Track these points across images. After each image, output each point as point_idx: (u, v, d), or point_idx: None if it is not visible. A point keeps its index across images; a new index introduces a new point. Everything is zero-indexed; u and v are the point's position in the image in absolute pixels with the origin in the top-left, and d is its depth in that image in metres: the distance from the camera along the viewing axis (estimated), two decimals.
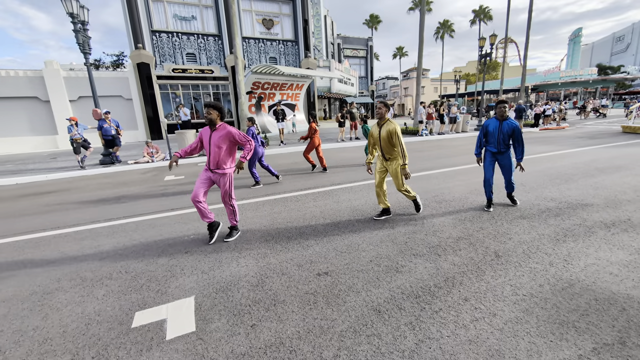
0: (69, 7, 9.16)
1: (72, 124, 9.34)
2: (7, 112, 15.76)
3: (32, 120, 16.31)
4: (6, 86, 15.49)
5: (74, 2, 9.20)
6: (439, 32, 48.21)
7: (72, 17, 9.28)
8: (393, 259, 3.06)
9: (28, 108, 16.12)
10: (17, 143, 16.10)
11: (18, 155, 14.88)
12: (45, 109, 16.33)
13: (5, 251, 3.76)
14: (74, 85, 16.58)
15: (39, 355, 2.04)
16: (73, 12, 9.21)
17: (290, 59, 21.80)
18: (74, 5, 9.20)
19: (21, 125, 16.16)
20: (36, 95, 16.04)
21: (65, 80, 16.39)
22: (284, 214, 4.59)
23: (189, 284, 2.80)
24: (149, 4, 17.29)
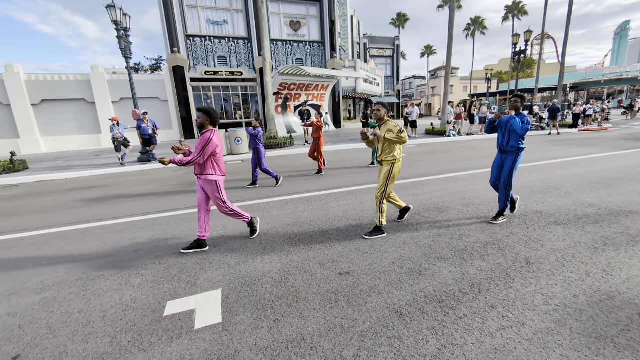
0: (114, 15, 9.78)
1: (114, 123, 9.96)
2: (59, 113, 17.09)
3: (80, 120, 17.56)
4: (59, 89, 16.80)
5: (118, 10, 9.81)
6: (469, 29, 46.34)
7: (116, 24, 9.89)
8: (416, 261, 3.00)
9: (76, 109, 17.38)
10: (66, 141, 17.41)
11: (67, 152, 16.10)
12: (91, 109, 17.53)
13: (54, 240, 4.08)
14: (116, 87, 17.66)
15: (82, 336, 2.20)
16: (117, 20, 9.82)
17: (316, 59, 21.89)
18: (118, 14, 9.81)
19: (70, 124, 17.45)
20: (84, 97, 17.26)
21: (109, 83, 17.50)
22: (307, 213, 4.63)
23: (216, 277, 2.90)
24: (184, 9, 18.03)
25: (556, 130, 14.77)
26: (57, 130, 17.21)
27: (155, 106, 18.40)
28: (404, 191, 5.52)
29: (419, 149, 11.27)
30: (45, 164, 11.45)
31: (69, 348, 2.09)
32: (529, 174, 6.39)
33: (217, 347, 2.02)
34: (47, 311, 2.51)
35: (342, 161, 9.18)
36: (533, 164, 7.50)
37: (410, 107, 15.01)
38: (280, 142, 12.73)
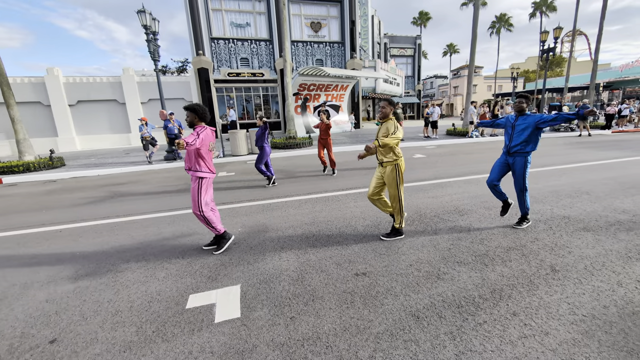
0: (143, 20, 10.19)
1: (142, 123, 10.39)
2: (92, 113, 18.02)
3: (111, 120, 18.43)
4: (93, 91, 17.71)
5: (148, 15, 10.21)
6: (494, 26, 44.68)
7: (145, 28, 10.31)
8: (434, 265, 2.93)
9: (108, 109, 18.26)
10: (99, 140, 18.33)
11: (99, 150, 16.95)
12: (122, 110, 18.35)
13: (88, 233, 4.32)
14: (145, 89, 18.39)
15: (112, 324, 2.31)
16: (146, 24, 10.23)
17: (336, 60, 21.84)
18: (148, 18, 10.21)
19: (102, 124, 18.36)
20: (115, 98, 18.11)
21: (139, 84, 18.25)
22: (325, 212, 4.64)
23: (235, 273, 2.97)
24: (210, 13, 18.50)
25: (587, 131, 13.99)
26: (91, 130, 18.14)
27: (180, 107, 19.00)
28: (422, 193, 5.41)
29: (439, 150, 11.01)
30: (80, 161, 12.11)
31: (99, 335, 2.20)
32: (557, 177, 6.09)
33: (235, 341, 2.07)
34: (80, 299, 2.67)
35: (360, 161, 9.12)
36: (561, 166, 7.15)
37: (431, 107, 14.70)
38: (299, 142, 12.82)
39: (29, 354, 2.06)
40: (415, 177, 6.72)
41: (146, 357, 1.97)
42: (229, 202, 5.49)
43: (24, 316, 2.47)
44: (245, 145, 11.65)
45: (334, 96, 19.30)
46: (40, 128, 16.86)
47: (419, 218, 4.19)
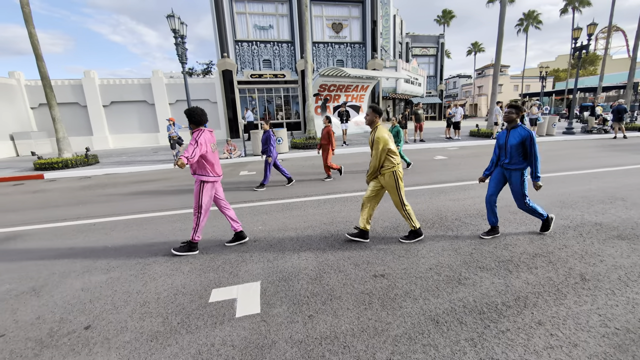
0: (172, 24, 10.57)
1: (170, 123, 10.78)
2: (124, 113, 18.89)
3: (141, 120, 19.24)
4: (125, 92, 18.57)
5: (176, 19, 10.58)
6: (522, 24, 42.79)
7: (174, 32, 10.68)
8: (455, 269, 2.86)
9: (138, 110, 19.08)
10: (129, 139, 19.19)
11: (130, 148, 17.75)
12: (151, 110, 19.12)
13: (119, 227, 4.54)
14: (173, 90, 19.07)
15: (140, 314, 2.42)
16: (175, 28, 10.60)
17: (356, 60, 21.70)
18: (176, 22, 10.58)
19: (133, 124, 19.20)
20: (145, 99, 18.89)
21: (167, 86, 18.95)
22: (344, 213, 4.63)
23: (256, 270, 3.02)
24: (234, 16, 18.91)
25: (622, 133, 13.11)
26: (123, 129, 19.03)
27: (205, 107, 19.54)
28: (443, 195, 5.28)
29: (462, 152, 10.70)
30: (112, 159, 12.74)
31: (128, 324, 2.31)
32: (588, 182, 5.76)
33: (255, 336, 2.11)
34: (112, 289, 2.81)
35: None
36: (592, 170, 6.75)
37: (454, 108, 14.29)
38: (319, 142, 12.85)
39: (66, 338, 2.19)
40: (436, 179, 6.57)
41: (171, 347, 2.05)
42: (250, 200, 5.59)
43: (62, 303, 2.63)
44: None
45: (354, 97, 19.19)
46: (78, 127, 17.86)
47: (440, 221, 4.09)
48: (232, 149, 11.57)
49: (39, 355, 2.04)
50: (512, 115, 3.31)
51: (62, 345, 2.13)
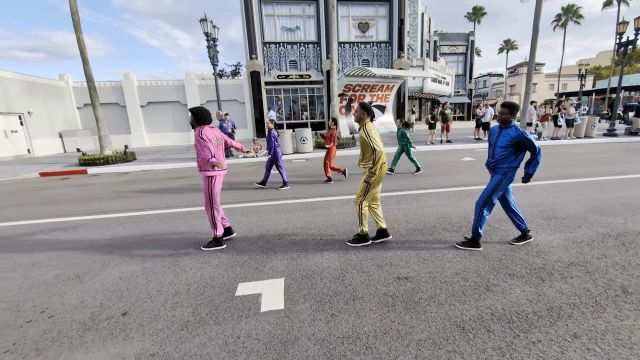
0: (205, 27, 10.95)
1: None
2: (159, 113, 19.85)
3: (175, 119, 20.13)
4: (160, 93, 19.51)
5: (209, 23, 10.95)
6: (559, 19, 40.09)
7: (206, 35, 11.07)
8: (483, 275, 2.75)
9: (172, 110, 19.97)
10: (164, 137, 20.14)
11: (164, 146, 18.62)
12: (184, 110, 19.94)
13: (154, 220, 4.78)
14: (204, 91, 19.77)
15: (172, 304, 2.55)
16: (207, 32, 10.98)
17: (382, 60, 21.37)
18: (208, 26, 10.96)
19: (167, 123, 20.13)
20: (178, 100, 19.73)
21: (199, 87, 19.68)
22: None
23: (280, 267, 3.07)
24: (263, 19, 19.26)
25: None
26: (158, 128, 20.00)
27: (234, 108, 20.10)
28: (470, 198, 5.08)
29: None
30: (148, 156, 13.43)
31: (161, 312, 2.44)
32: (631, 188, 5.31)
33: (279, 331, 2.15)
34: (147, 279, 2.97)
35: (403, 164, 8.84)
36: (636, 175, 6.21)
37: (484, 108, 13.70)
38: (343, 143, 12.80)
39: (106, 322, 2.35)
40: (464, 181, 6.33)
41: (200, 336, 2.14)
42: (274, 199, 5.69)
43: (102, 289, 2.82)
44: (291, 144, 11.95)
45: (379, 96, 18.92)
46: (117, 126, 18.99)
47: (467, 225, 3.95)
48: (258, 147, 11.82)
49: (83, 336, 2.20)
50: (505, 116, 3.06)
51: (102, 328, 2.28)
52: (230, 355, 1.95)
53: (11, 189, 7.98)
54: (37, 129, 15.79)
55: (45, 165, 11.59)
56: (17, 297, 2.76)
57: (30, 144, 15.38)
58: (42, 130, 16.09)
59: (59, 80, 18.05)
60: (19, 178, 9.63)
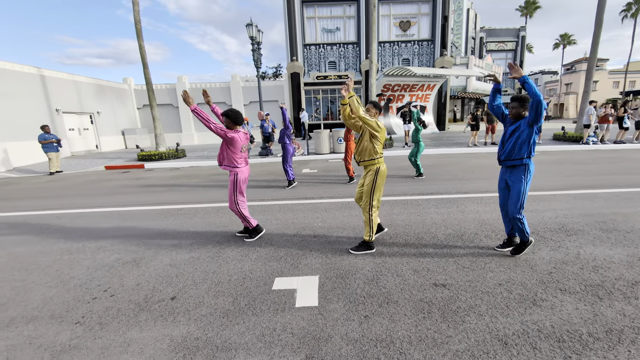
0: (250, 31, 11.39)
1: (245, 122, 11.65)
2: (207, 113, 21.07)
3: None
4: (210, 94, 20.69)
5: (254, 27, 11.37)
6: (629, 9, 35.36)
7: (251, 39, 11.51)
8: (530, 288, 2.53)
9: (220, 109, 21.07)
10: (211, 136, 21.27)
11: (210, 144, 19.73)
12: None
13: (200, 213, 5.09)
14: (247, 92, 20.59)
15: (214, 292, 2.69)
16: (252, 36, 11.40)
17: (424, 59, 20.57)
18: (254, 30, 11.38)
19: None
20: (224, 101, 20.77)
21: (242, 89, 20.55)
22: (403, 216, 4.45)
23: (315, 264, 3.10)
24: (304, 21, 19.54)
25: None
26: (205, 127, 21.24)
27: (274, 108, 20.65)
28: None
29: (541, 157, 9.38)
30: (196, 153, 14.32)
31: (205, 300, 2.59)
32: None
33: (313, 328, 2.17)
34: (193, 267, 3.17)
35: (443, 165, 8.45)
36: None
37: None
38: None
39: (157, 304, 2.55)
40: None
41: (239, 325, 2.23)
42: (310, 197, 5.75)
43: (155, 274, 3.07)
44: (328, 144, 11.99)
45: (419, 96, 18.26)
46: (170, 125, 20.49)
47: None
48: (296, 147, 12.03)
49: (137, 316, 2.41)
50: (515, 110, 2.84)
51: (154, 310, 2.48)
52: (267, 346, 2.01)
53: (82, 180, 8.99)
54: (104, 127, 17.58)
55: (109, 160, 12.88)
56: (86, 275, 3.11)
57: (98, 140, 17.18)
58: (108, 128, 17.89)
59: (122, 83, 19.92)
60: (88, 170, 10.82)
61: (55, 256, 3.60)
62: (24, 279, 3.08)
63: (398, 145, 13.12)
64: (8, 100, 11.99)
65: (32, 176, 10.20)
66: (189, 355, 1.97)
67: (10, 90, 12.14)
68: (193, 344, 2.06)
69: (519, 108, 2.83)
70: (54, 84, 14.42)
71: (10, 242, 4.16)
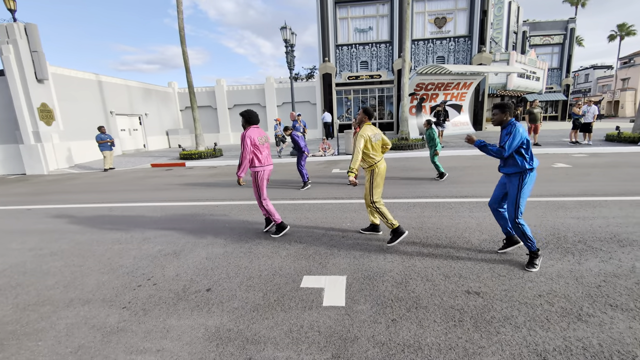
0: (284, 34, 11.61)
1: (277, 123, 11.93)
2: None
3: None
4: (244, 96, 21.45)
5: (288, 30, 11.57)
6: None
7: (285, 42, 11.72)
8: (575, 302, 2.32)
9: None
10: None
11: None
12: (263, 112, 21.53)
13: (234, 210, 5.29)
14: (280, 94, 21.02)
15: (246, 286, 2.79)
16: (286, 38, 11.61)
17: (460, 56, 19.60)
18: (288, 33, 11.58)
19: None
20: (259, 102, 21.39)
21: (276, 90, 21.01)
22: (435, 219, 4.28)
23: (342, 264, 3.09)
24: (337, 22, 19.51)
25: None
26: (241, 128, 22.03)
27: (306, 109, 20.90)
28: (562, 211, 4.33)
29: (592, 160, 8.54)
30: (232, 153, 14.90)
31: (237, 293, 2.69)
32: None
33: (339, 327, 2.17)
34: (226, 262, 3.31)
35: (480, 167, 8.00)
36: None
37: (585, 106, 11.43)
38: (412, 144, 12.19)
39: (194, 295, 2.70)
40: (554, 190, 5.43)
41: (268, 320, 2.29)
42: (340, 197, 5.74)
43: (192, 266, 3.24)
44: None
45: (454, 95, 17.44)
46: (209, 125, 21.52)
47: (556, 241, 3.38)
48: (326, 147, 12.06)
49: (176, 304, 2.57)
50: (497, 117, 2.90)
51: (191, 300, 2.62)
52: (294, 342, 2.05)
53: (131, 177, 9.76)
54: (151, 127, 18.90)
55: (155, 158, 13.83)
56: (132, 264, 3.37)
57: (146, 140, 18.50)
58: (154, 129, 19.20)
59: (167, 87, 21.27)
60: (137, 167, 11.71)
61: (107, 245, 3.95)
62: (81, 265, 3.42)
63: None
64: (72, 103, 13.34)
65: (89, 172, 11.27)
66: (222, 345, 2.06)
67: (73, 94, 13.50)
68: (225, 335, 2.15)
69: (500, 114, 2.88)
70: (109, 89, 15.78)
71: (71, 230, 4.63)
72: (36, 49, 11.39)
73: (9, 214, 5.90)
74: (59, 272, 3.26)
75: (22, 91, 11.30)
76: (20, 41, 11.09)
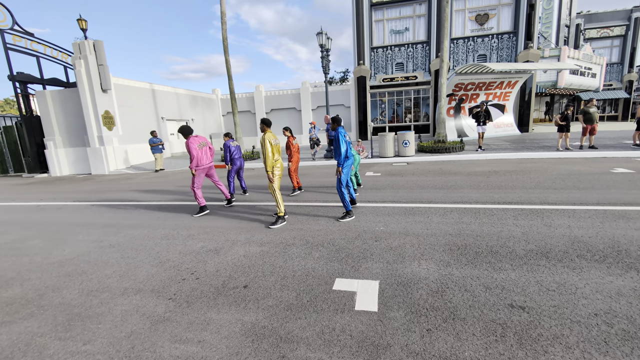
0: (320, 39, 11.73)
1: (312, 126, 12.07)
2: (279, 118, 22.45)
3: (290, 123, 22.37)
4: (281, 101, 22.04)
5: (323, 35, 11.68)
6: None
7: (321, 47, 11.84)
8: (639, 324, 2.04)
9: (289, 115, 22.26)
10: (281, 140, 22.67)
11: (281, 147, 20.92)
12: (298, 115, 21.97)
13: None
14: (315, 98, 21.28)
15: (280, 285, 2.84)
16: (322, 43, 11.73)
17: (503, 53, 18.31)
18: (323, 38, 11.69)
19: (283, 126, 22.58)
20: (294, 107, 21.86)
21: (311, 94, 21.32)
22: (474, 225, 4.03)
23: (375, 269, 3.03)
24: (372, 25, 19.29)
25: None
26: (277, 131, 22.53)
27: (340, 111, 20.91)
28: (622, 221, 3.83)
29: None
30: None
31: (272, 291, 2.75)
32: None
33: (372, 333, 2.12)
34: (262, 260, 3.40)
35: (525, 172, 7.38)
36: None
37: None
38: (449, 147, 11.61)
39: (232, 291, 2.81)
40: (613, 198, 4.84)
41: (300, 320, 2.31)
42: (373, 200, 5.64)
43: (231, 263, 3.38)
44: (393, 147, 11.61)
45: (497, 95, 16.33)
46: (248, 129, 22.43)
47: (615, 254, 3.00)
48: (360, 150, 11.94)
49: (216, 299, 2.69)
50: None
51: (229, 295, 2.74)
52: (326, 344, 2.04)
53: (179, 177, 10.47)
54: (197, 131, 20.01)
55: None
56: (178, 259, 3.60)
57: None
58: (199, 133, 20.39)
59: (211, 93, 22.54)
60: (184, 169, 12.53)
61: (157, 240, 4.27)
62: (134, 257, 3.73)
63: (470, 149, 11.95)
64: (129, 110, 14.69)
65: (142, 172, 12.30)
66: (257, 341, 2.12)
67: (130, 102, 14.86)
68: (260, 332, 2.21)
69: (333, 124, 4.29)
70: (161, 96, 17.13)
71: (126, 225, 5.08)
72: (102, 62, 12.73)
73: (77, 209, 6.64)
74: (116, 263, 3.59)
75: (90, 100, 12.71)
76: (89, 56, 12.48)
